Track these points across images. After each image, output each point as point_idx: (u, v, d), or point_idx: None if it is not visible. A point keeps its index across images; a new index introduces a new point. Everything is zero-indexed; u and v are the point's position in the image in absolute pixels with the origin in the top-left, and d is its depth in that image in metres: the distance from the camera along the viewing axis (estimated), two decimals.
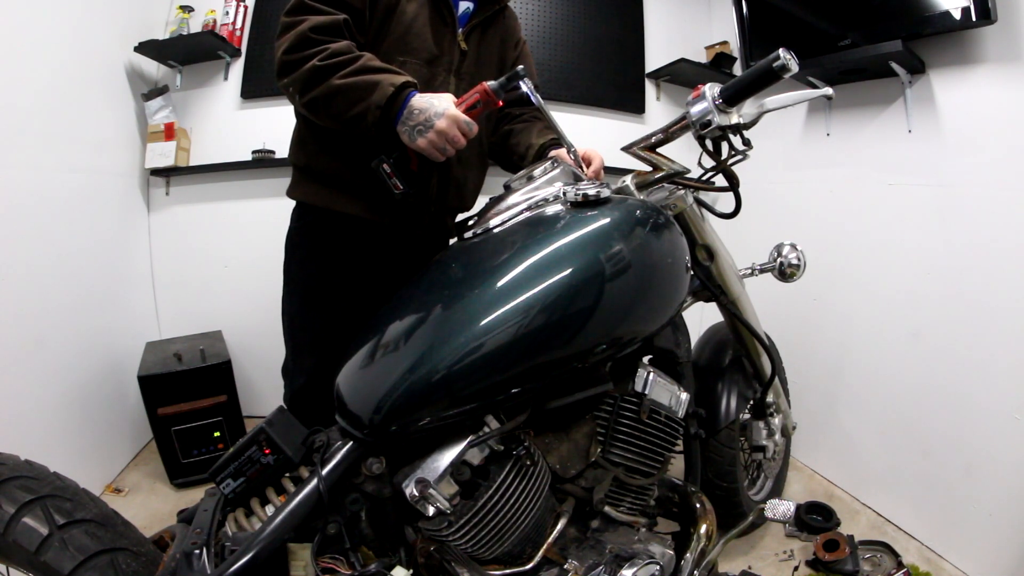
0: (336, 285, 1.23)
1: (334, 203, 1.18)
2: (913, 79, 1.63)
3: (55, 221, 1.62)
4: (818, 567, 1.04)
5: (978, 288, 1.47)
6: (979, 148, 1.48)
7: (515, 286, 0.78)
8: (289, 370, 1.33)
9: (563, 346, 0.79)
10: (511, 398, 0.79)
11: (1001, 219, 1.42)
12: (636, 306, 0.85)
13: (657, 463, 0.99)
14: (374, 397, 0.77)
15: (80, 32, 1.73)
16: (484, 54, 1.23)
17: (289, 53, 1.02)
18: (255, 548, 0.70)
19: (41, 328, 1.54)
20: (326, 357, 1.06)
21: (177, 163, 2.07)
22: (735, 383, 1.41)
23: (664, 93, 2.52)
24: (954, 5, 1.41)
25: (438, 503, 0.77)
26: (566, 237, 0.83)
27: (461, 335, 0.76)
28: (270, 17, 2.16)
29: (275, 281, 1.31)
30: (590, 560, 0.86)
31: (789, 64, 0.81)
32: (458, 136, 0.99)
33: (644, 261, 0.84)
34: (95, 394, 1.76)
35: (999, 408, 1.41)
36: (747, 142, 0.91)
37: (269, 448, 0.80)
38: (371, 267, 1.23)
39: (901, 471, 1.67)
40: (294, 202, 1.27)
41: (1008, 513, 1.39)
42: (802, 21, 1.89)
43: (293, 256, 1.28)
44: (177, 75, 2.17)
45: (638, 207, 0.90)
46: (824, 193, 1.96)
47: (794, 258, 1.30)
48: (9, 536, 0.63)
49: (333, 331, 1.22)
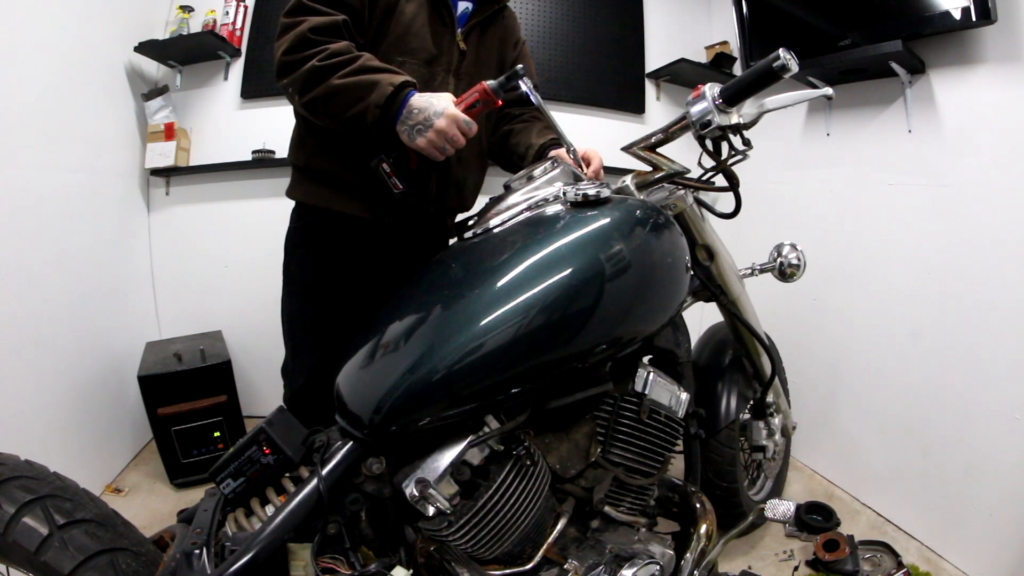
0: (335, 285, 1.23)
1: (333, 203, 1.18)
2: (913, 79, 1.63)
3: (55, 221, 1.62)
4: (818, 567, 1.04)
5: (978, 288, 1.47)
6: (979, 148, 1.48)
7: (515, 286, 0.78)
8: (288, 370, 1.33)
9: (563, 346, 0.79)
10: (511, 398, 0.79)
11: (1001, 219, 1.42)
12: (636, 306, 0.85)
13: (657, 463, 0.99)
14: (374, 397, 0.77)
15: (80, 32, 1.73)
16: (483, 54, 1.23)
17: (288, 54, 1.02)
18: (255, 548, 0.70)
19: (41, 328, 1.54)
20: (325, 357, 1.06)
21: (177, 163, 2.07)
22: (735, 383, 1.41)
23: (664, 93, 2.52)
24: (954, 5, 1.41)
25: (438, 503, 0.77)
26: (566, 237, 0.83)
27: (461, 335, 0.76)
28: (270, 17, 2.16)
29: (275, 281, 1.31)
30: (590, 560, 0.86)
31: (789, 64, 0.80)
32: (457, 135, 0.99)
33: (644, 261, 0.84)
34: (95, 394, 1.76)
35: (999, 408, 1.41)
36: (747, 142, 0.91)
37: (269, 448, 0.80)
38: (371, 267, 1.23)
39: (901, 471, 1.67)
40: (293, 202, 1.27)
41: (1008, 513, 1.39)
42: (802, 21, 1.89)
43: (292, 256, 1.28)
44: (177, 75, 2.17)
45: (638, 207, 0.90)
46: (824, 193, 1.96)
47: (794, 258, 1.30)
48: (9, 536, 0.63)
49: (332, 331, 1.22)
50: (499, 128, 1.35)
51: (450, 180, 1.21)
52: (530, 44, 1.65)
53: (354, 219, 1.18)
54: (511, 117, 1.35)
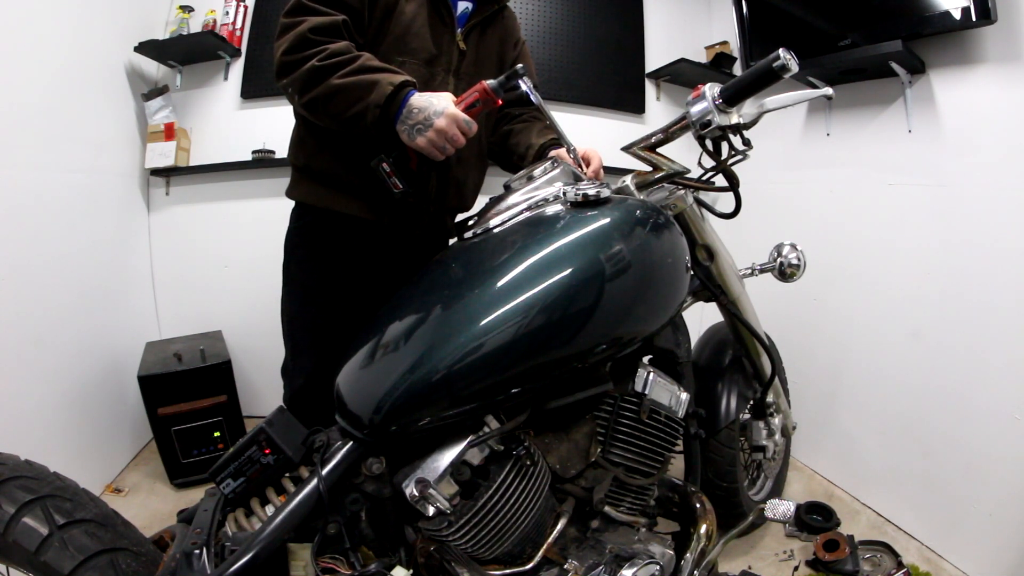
0: (335, 285, 1.23)
1: (333, 203, 1.18)
2: (913, 79, 1.63)
3: (55, 221, 1.62)
4: (818, 567, 1.04)
5: (978, 288, 1.47)
6: (979, 148, 1.48)
7: (515, 286, 0.78)
8: (288, 370, 1.33)
9: (563, 346, 0.79)
10: (511, 398, 0.79)
11: (1001, 219, 1.42)
12: (636, 305, 0.85)
13: (657, 463, 0.99)
14: (374, 397, 0.77)
15: (80, 32, 1.73)
16: (483, 54, 1.23)
17: (288, 54, 1.02)
18: (255, 548, 0.70)
19: (41, 328, 1.54)
20: (326, 357, 1.06)
21: (177, 163, 2.07)
22: (735, 383, 1.41)
23: (664, 93, 2.52)
24: (954, 5, 1.41)
25: (438, 503, 0.76)
26: (566, 237, 0.83)
27: (461, 335, 0.76)
28: (270, 17, 2.16)
29: (275, 281, 1.31)
30: (590, 560, 0.86)
31: (789, 64, 0.80)
32: (457, 135, 0.99)
33: (644, 260, 0.84)
34: (95, 394, 1.76)
35: (999, 408, 1.41)
36: (747, 142, 0.91)
37: (269, 448, 0.80)
38: (370, 267, 1.23)
39: (901, 471, 1.67)
40: (293, 202, 1.27)
41: (1008, 513, 1.38)
42: (802, 21, 1.89)
43: (292, 256, 1.28)
44: (177, 75, 2.17)
45: (638, 207, 0.90)
46: (824, 193, 1.96)
47: (794, 258, 1.30)
48: (9, 536, 0.63)
49: (332, 331, 1.22)
50: (499, 128, 1.35)
51: (450, 180, 1.21)
52: (530, 44, 1.65)
53: (354, 219, 1.18)
54: (511, 117, 1.35)
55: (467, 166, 1.25)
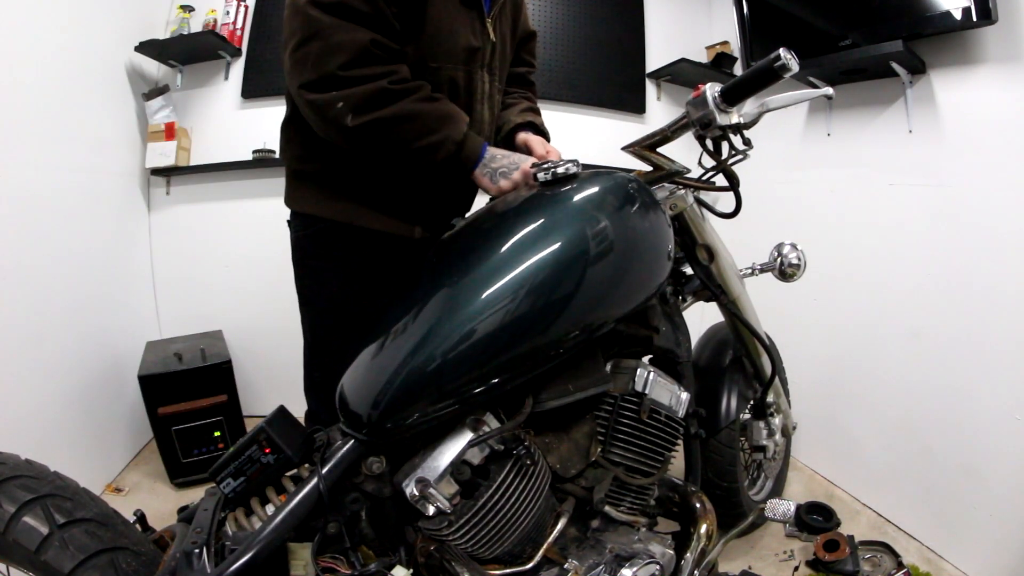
0: (370, 304, 1.10)
1: (357, 218, 1.10)
2: (914, 79, 1.63)
3: (55, 220, 1.62)
4: (818, 567, 1.04)
5: (978, 288, 1.47)
6: (979, 148, 1.48)
7: (493, 272, 0.79)
8: (318, 390, 1.22)
9: (550, 326, 0.79)
10: (500, 387, 0.79)
11: (1001, 219, 1.42)
12: (618, 276, 0.85)
13: (657, 463, 0.99)
14: (371, 393, 0.77)
15: (80, 32, 1.74)
16: (505, 44, 1.18)
17: (348, 68, 0.91)
18: (255, 547, 0.70)
19: (41, 328, 1.54)
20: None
21: (177, 163, 2.08)
22: (735, 383, 1.41)
23: (664, 93, 2.52)
24: (954, 5, 1.41)
25: (438, 503, 0.76)
26: (540, 218, 0.84)
27: (447, 325, 0.77)
28: (270, 16, 2.17)
29: (275, 281, 1.31)
30: (590, 560, 0.86)
31: (789, 64, 0.80)
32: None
33: (620, 231, 0.85)
34: (95, 394, 1.76)
35: (999, 408, 1.41)
36: (747, 142, 0.91)
37: (269, 447, 0.80)
38: (401, 282, 1.12)
39: (901, 471, 1.67)
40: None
41: (1008, 513, 1.38)
42: (803, 21, 1.89)
43: (308, 271, 1.18)
44: (178, 75, 2.17)
45: (608, 178, 0.90)
46: (825, 193, 1.96)
47: (794, 258, 1.30)
48: (9, 535, 0.63)
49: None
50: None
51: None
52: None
53: (383, 235, 1.11)
54: (505, 94, 1.29)
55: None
